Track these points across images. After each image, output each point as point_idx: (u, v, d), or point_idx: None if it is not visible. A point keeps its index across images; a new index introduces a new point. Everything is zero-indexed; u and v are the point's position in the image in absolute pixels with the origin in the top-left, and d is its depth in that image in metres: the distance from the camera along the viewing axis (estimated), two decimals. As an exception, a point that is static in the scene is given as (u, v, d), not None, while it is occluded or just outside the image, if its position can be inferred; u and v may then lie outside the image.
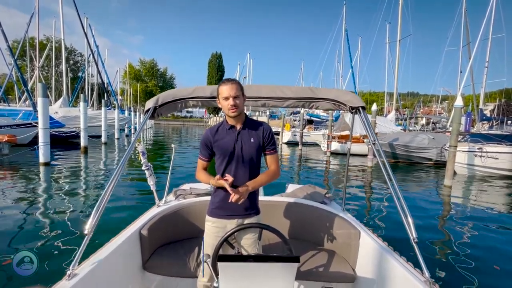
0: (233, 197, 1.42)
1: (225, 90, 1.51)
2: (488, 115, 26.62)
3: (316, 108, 2.21)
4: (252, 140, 1.59)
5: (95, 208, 1.47)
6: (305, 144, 18.69)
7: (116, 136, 18.29)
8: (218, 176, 1.48)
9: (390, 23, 26.72)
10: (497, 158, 9.31)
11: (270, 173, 1.60)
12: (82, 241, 1.41)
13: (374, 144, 1.87)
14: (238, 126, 1.60)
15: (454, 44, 24.94)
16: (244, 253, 1.61)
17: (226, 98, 1.51)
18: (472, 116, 19.88)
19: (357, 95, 2.08)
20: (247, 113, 1.69)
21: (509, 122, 23.56)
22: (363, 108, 1.97)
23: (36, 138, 10.31)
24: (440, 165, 11.12)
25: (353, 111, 2.03)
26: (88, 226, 1.42)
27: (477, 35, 14.60)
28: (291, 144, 20.77)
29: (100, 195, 1.53)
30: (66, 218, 4.22)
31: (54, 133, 11.80)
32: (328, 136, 14.96)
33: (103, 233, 2.16)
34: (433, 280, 1.35)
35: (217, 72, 64.94)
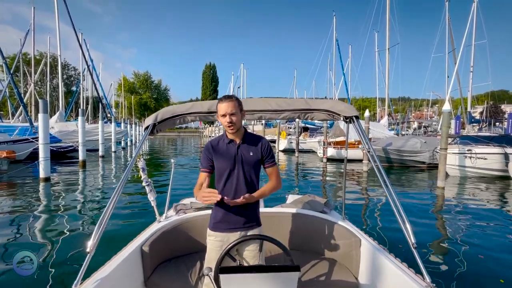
0: (236, 200, 1.49)
1: (222, 107, 1.54)
2: (478, 117, 27.39)
3: (311, 119, 2.32)
4: (251, 154, 1.62)
5: (96, 226, 1.49)
6: (301, 151, 18.95)
7: (113, 149, 18.29)
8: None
9: (378, 31, 27.75)
10: (485, 159, 9.65)
11: (271, 184, 1.67)
12: (85, 258, 1.42)
13: (369, 152, 1.94)
14: (238, 141, 1.63)
15: (440, 51, 25.79)
16: (246, 265, 1.58)
17: (224, 116, 1.55)
18: (461, 119, 20.50)
19: (350, 105, 2.13)
20: (242, 122, 1.72)
21: (496, 123, 24.28)
22: (356, 117, 2.00)
23: (32, 154, 10.31)
24: (433, 168, 11.40)
25: (347, 120, 2.05)
26: (90, 244, 1.43)
27: (461, 41, 15.28)
28: (288, 151, 21.00)
29: (102, 209, 1.61)
30: (69, 234, 4.19)
31: (51, 148, 11.80)
32: (324, 142, 15.24)
33: (104, 250, 2.16)
34: (434, 285, 1.37)
35: (211, 82, 65.41)
